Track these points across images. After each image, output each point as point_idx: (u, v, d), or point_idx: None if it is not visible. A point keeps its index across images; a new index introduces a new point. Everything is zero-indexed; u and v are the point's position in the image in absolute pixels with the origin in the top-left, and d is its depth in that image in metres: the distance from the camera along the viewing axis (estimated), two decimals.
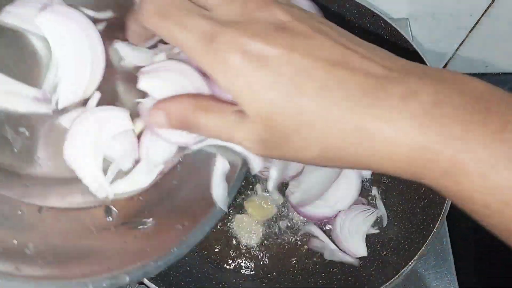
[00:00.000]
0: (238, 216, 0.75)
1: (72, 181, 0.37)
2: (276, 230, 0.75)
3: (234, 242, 0.74)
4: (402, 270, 0.63)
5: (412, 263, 0.63)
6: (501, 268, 0.88)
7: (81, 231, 0.38)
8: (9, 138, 0.36)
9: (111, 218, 0.39)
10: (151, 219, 0.40)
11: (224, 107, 0.33)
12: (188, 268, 0.70)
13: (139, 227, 0.39)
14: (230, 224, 0.75)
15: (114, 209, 0.40)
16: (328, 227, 0.76)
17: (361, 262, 0.71)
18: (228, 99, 0.34)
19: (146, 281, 0.60)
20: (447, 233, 0.79)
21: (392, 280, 0.62)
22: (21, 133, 0.37)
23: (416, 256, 0.64)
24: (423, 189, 0.74)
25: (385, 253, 0.70)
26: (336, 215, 0.74)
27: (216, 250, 0.73)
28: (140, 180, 0.40)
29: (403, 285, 0.74)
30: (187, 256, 0.72)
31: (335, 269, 0.72)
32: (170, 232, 0.39)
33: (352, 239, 0.72)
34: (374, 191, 0.78)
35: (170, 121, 0.34)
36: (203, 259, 0.73)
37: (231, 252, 0.74)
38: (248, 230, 0.75)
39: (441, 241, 0.78)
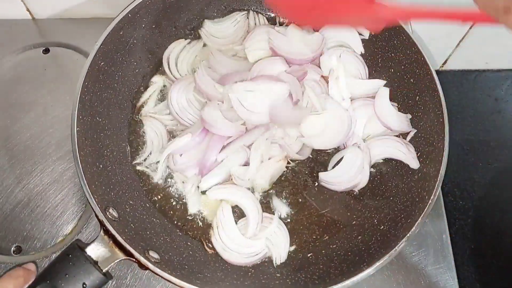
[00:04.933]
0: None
1: None
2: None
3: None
4: (400, 242, 0.64)
5: (409, 234, 0.65)
6: (500, 264, 0.89)
7: None
8: None
9: None
10: None
11: None
12: (191, 252, 0.71)
13: None
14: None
15: None
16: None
17: (360, 237, 0.73)
18: None
19: (150, 265, 0.61)
20: (447, 230, 0.79)
21: (391, 251, 0.64)
22: None
23: (413, 228, 0.65)
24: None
25: (382, 227, 0.72)
26: None
27: None
28: None
29: (403, 282, 0.75)
30: (189, 241, 0.73)
31: (334, 245, 0.73)
32: None
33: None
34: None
35: None
36: (206, 243, 0.74)
37: None
38: None
39: (441, 238, 0.79)
